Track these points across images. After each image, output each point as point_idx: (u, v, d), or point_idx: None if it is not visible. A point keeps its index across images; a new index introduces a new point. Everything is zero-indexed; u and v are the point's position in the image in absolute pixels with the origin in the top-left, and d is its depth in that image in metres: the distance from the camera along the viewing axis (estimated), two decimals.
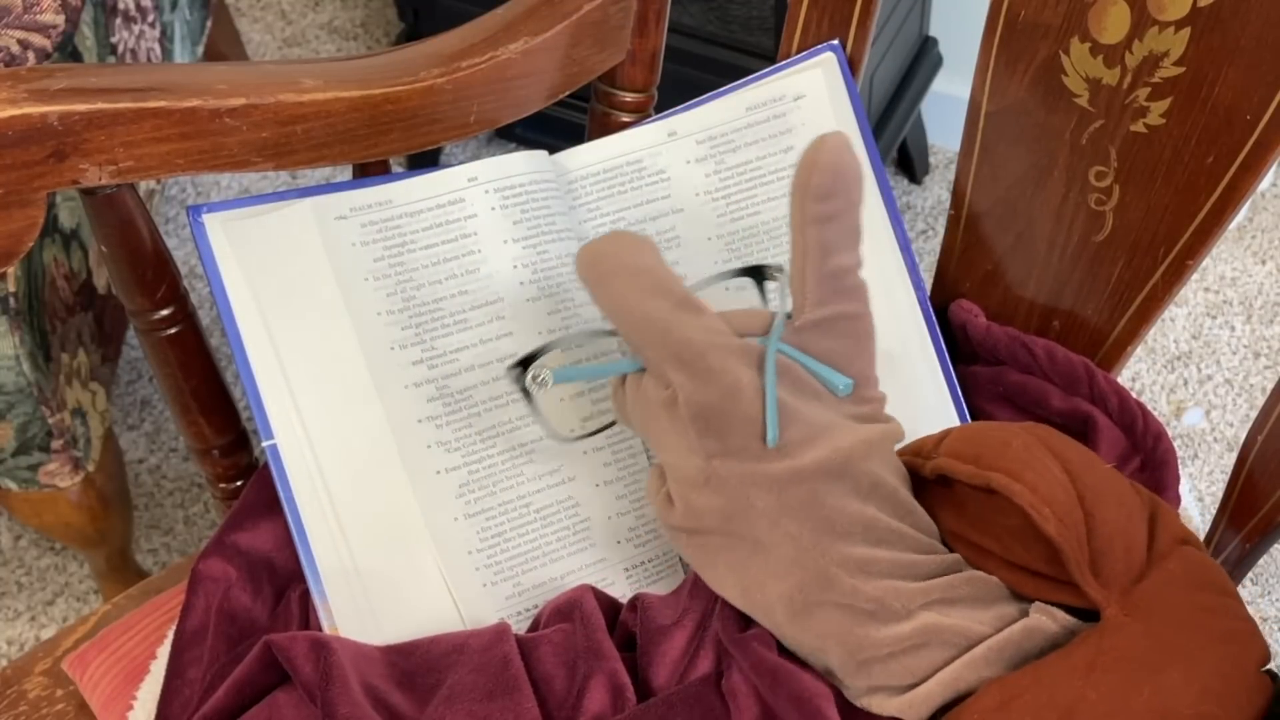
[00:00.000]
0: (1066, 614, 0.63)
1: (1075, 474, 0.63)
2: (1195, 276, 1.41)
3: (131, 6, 1.16)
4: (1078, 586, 0.62)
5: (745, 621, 0.67)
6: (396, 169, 0.82)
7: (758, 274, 0.72)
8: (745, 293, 0.73)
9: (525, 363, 0.69)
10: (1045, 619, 0.62)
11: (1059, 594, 0.63)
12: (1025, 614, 0.63)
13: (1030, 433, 0.66)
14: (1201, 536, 0.72)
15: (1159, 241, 0.76)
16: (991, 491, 0.63)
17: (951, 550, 0.66)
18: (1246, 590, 1.30)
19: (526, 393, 0.70)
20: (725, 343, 0.64)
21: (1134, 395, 0.75)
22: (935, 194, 1.60)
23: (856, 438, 0.64)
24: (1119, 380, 0.78)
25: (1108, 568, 0.62)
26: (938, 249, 0.85)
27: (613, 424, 0.73)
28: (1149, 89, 0.73)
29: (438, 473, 0.73)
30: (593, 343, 0.75)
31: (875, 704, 0.63)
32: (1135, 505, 0.64)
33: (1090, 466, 0.65)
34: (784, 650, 0.65)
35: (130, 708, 0.73)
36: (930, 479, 0.67)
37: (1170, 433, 1.37)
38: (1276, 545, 0.75)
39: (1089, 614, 0.62)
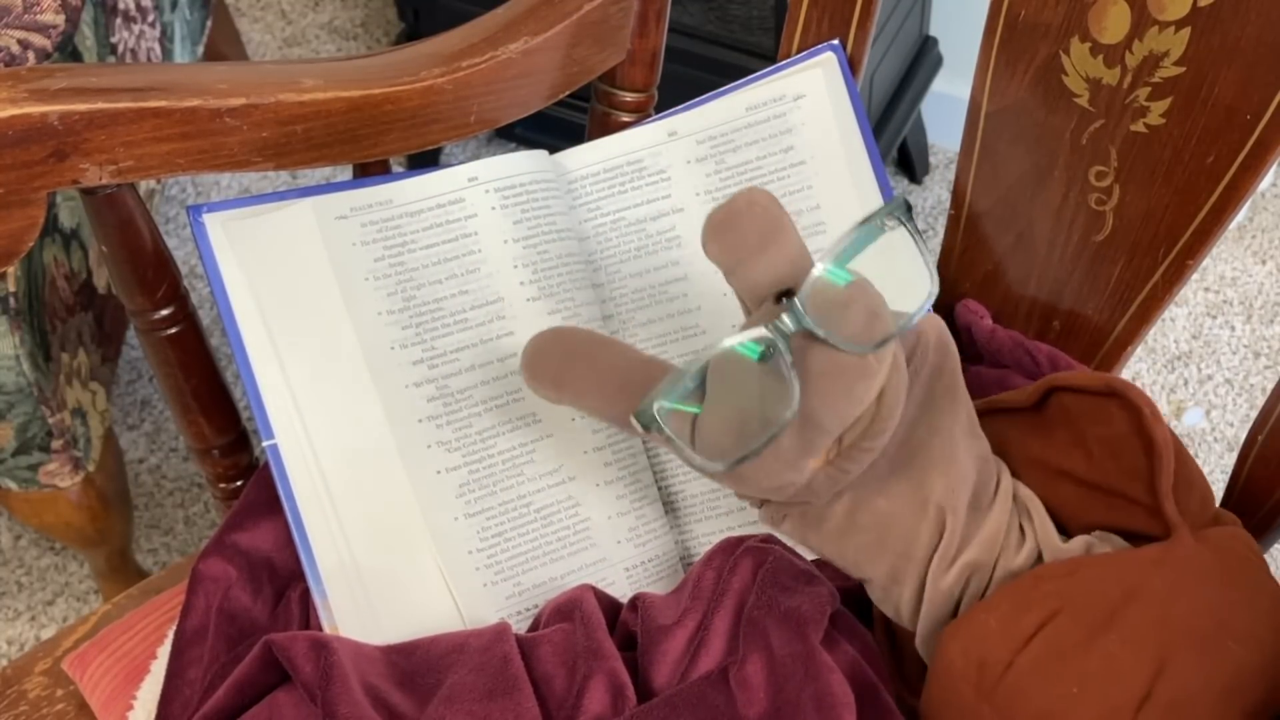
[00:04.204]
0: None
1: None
2: (1195, 276, 1.41)
3: (131, 6, 1.16)
4: (1149, 512, 0.64)
5: (790, 595, 0.66)
6: (396, 169, 0.82)
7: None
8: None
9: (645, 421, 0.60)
10: (1108, 545, 0.64)
11: (1128, 518, 0.65)
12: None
13: None
14: None
15: (1159, 241, 0.76)
16: (1104, 395, 0.65)
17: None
18: None
19: (672, 441, 0.60)
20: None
21: None
22: (935, 194, 1.60)
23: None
24: None
25: (1184, 502, 0.64)
26: (938, 249, 0.85)
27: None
28: (1149, 89, 0.73)
29: (438, 472, 0.73)
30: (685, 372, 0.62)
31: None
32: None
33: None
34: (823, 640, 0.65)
35: (130, 708, 0.73)
36: (1028, 405, 0.68)
37: None
38: (1277, 545, 0.75)
39: None
